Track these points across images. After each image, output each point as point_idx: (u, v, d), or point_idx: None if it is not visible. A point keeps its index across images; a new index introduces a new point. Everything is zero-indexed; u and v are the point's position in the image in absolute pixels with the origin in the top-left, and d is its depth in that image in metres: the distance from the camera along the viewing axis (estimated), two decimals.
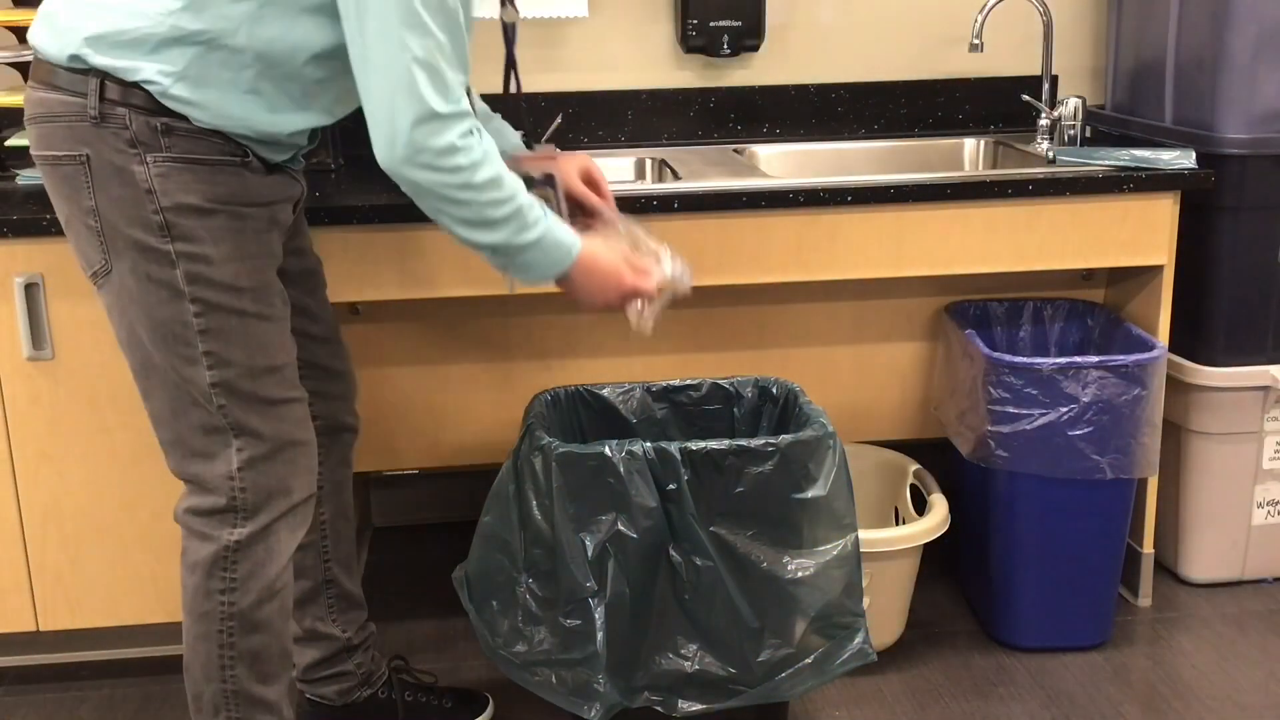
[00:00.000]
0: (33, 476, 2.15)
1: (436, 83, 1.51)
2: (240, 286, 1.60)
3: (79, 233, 1.60)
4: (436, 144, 1.52)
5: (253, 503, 1.65)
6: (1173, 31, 2.46)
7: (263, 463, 1.65)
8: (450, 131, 1.53)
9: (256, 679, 1.69)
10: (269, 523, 1.66)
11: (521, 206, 1.62)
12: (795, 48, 2.75)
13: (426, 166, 1.54)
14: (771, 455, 1.82)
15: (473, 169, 1.56)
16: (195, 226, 1.56)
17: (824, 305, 2.47)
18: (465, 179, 1.56)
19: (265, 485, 1.65)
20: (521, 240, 1.63)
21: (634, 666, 1.84)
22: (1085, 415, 2.16)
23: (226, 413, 1.62)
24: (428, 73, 1.50)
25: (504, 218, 1.61)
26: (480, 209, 1.59)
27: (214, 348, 1.59)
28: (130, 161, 1.54)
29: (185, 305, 1.57)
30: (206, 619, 1.66)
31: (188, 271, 1.56)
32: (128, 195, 1.55)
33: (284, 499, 1.67)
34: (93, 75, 1.53)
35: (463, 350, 2.40)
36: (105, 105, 1.53)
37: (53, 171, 1.59)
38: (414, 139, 1.51)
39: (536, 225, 1.64)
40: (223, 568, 1.65)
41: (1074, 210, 2.26)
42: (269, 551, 1.67)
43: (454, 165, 1.54)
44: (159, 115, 1.54)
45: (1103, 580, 2.31)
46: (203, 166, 1.56)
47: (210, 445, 1.63)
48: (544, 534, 1.84)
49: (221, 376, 1.60)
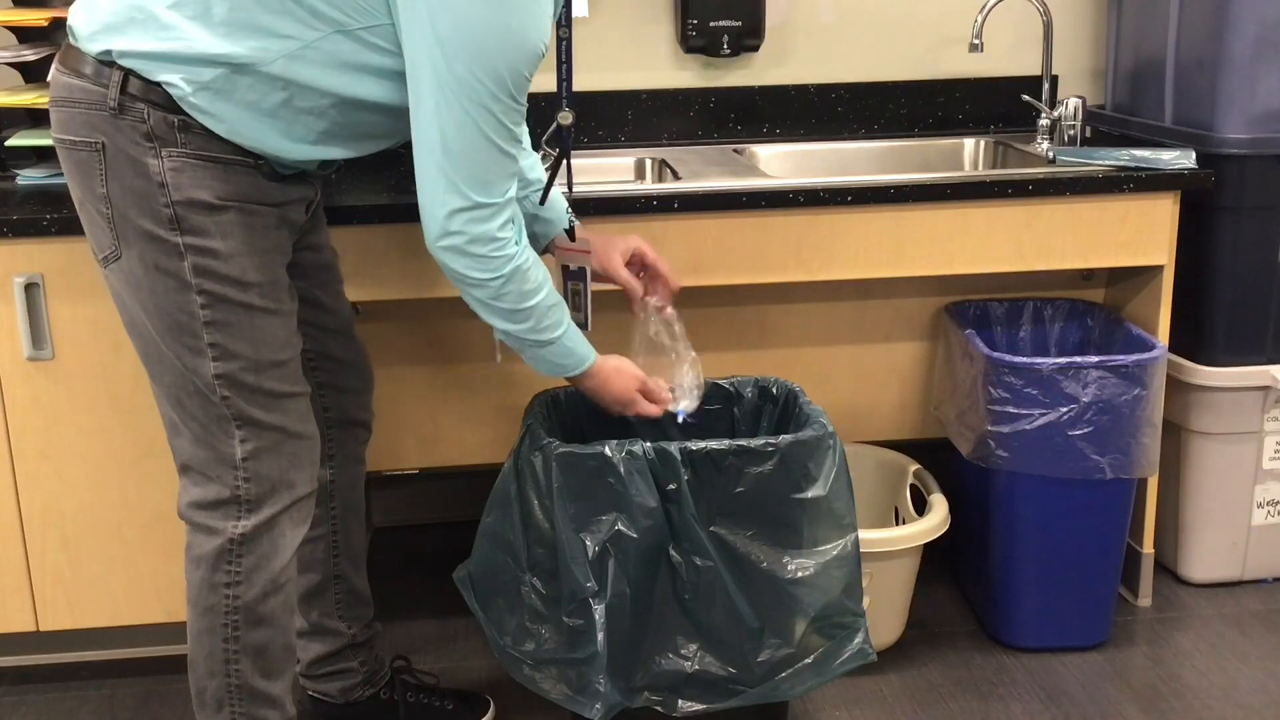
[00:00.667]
0: (33, 476, 2.15)
1: (483, 177, 1.57)
2: (247, 281, 1.61)
3: (91, 217, 1.62)
4: (472, 231, 1.59)
5: (256, 494, 1.65)
6: (1173, 31, 2.46)
7: (266, 455, 1.65)
8: (489, 222, 1.59)
9: (260, 674, 1.69)
10: (272, 515, 1.66)
11: (542, 307, 1.71)
12: (795, 48, 2.75)
13: (457, 251, 1.60)
14: (771, 455, 1.82)
15: (503, 261, 1.63)
16: (205, 221, 1.57)
17: (824, 305, 2.47)
18: (495, 270, 1.63)
19: (268, 477, 1.66)
20: (536, 339, 1.74)
21: (634, 666, 1.84)
22: (1085, 415, 2.16)
23: (230, 404, 1.63)
24: (478, 169, 1.56)
25: (524, 313, 1.69)
26: (502, 299, 1.67)
27: (219, 340, 1.60)
28: (145, 154, 1.55)
29: (192, 297, 1.58)
30: (211, 613, 1.67)
31: (195, 264, 1.58)
32: (140, 186, 1.56)
33: (287, 492, 1.68)
34: (117, 69, 1.54)
35: (463, 350, 2.40)
36: (125, 98, 1.54)
37: (69, 155, 1.61)
38: (449, 225, 1.58)
39: (554, 328, 1.74)
40: (227, 561, 1.65)
41: (1074, 210, 2.26)
42: (273, 545, 1.67)
43: (484, 254, 1.61)
44: (177, 113, 1.55)
45: (1103, 580, 2.31)
46: (216, 165, 1.57)
47: (214, 434, 1.64)
48: (546, 534, 1.85)
49: (226, 369, 1.61)
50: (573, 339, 1.78)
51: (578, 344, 1.79)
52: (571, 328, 1.78)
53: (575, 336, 1.79)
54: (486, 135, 1.54)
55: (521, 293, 1.67)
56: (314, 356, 1.88)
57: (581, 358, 1.80)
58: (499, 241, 1.61)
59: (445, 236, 1.59)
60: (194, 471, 1.67)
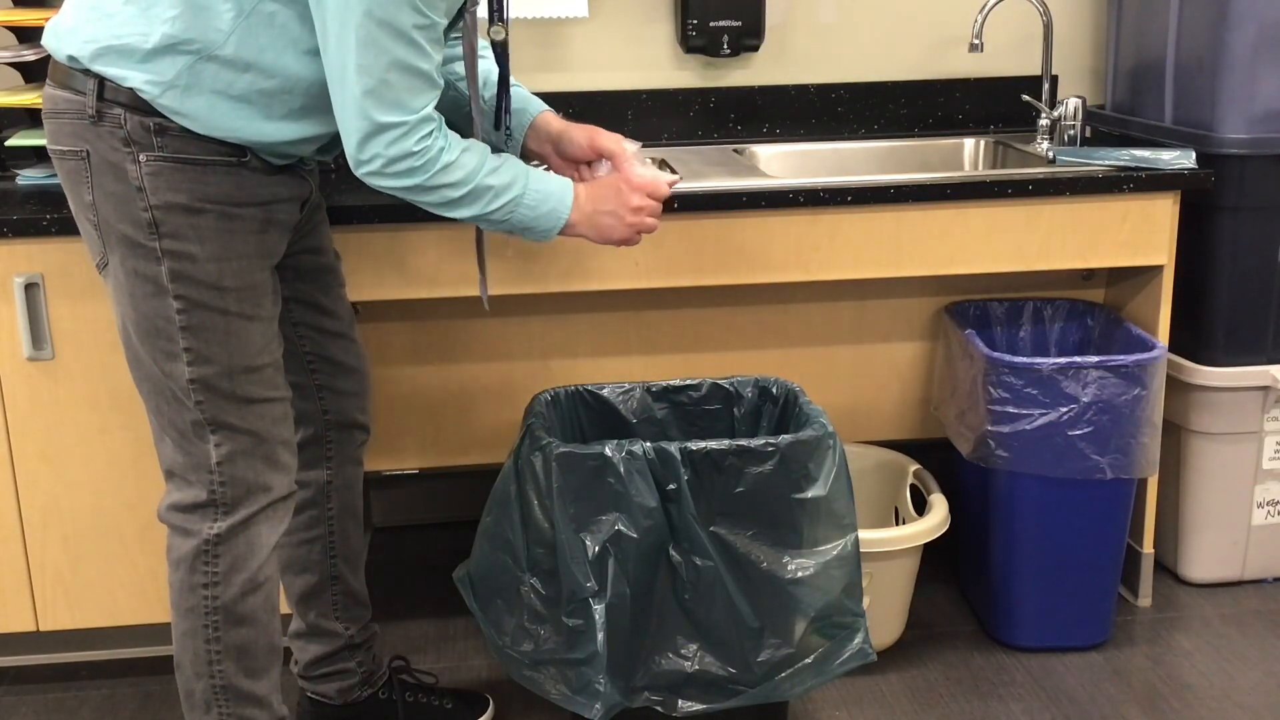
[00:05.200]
0: (33, 476, 2.15)
1: (389, 97, 1.55)
2: (224, 286, 1.61)
3: (83, 225, 1.65)
4: (388, 154, 1.57)
5: (232, 497, 1.66)
6: (1172, 31, 2.46)
7: (241, 458, 1.66)
8: (403, 141, 1.57)
9: (244, 673, 1.70)
10: (248, 516, 1.67)
11: (482, 185, 1.66)
12: (795, 48, 2.75)
13: (379, 174, 1.60)
14: (771, 455, 1.82)
15: (427, 167, 1.61)
16: (182, 225, 1.58)
17: (824, 305, 2.47)
18: (423, 177, 1.61)
19: (243, 480, 1.67)
20: (500, 205, 1.69)
21: (634, 666, 1.84)
22: (1085, 415, 2.16)
23: (204, 409, 1.63)
24: (382, 88, 1.54)
25: (474, 193, 1.66)
26: (444, 191, 1.64)
27: (194, 344, 1.61)
28: (124, 159, 1.56)
29: (169, 301, 1.60)
30: (191, 614, 1.68)
31: (172, 269, 1.59)
32: (120, 192, 1.57)
33: (263, 494, 1.68)
34: (91, 76, 1.56)
35: (463, 350, 2.40)
36: (102, 104, 1.56)
37: (60, 165, 1.63)
38: (363, 153, 1.57)
39: (510, 187, 1.69)
40: (204, 561, 1.66)
41: (1074, 210, 2.26)
42: (250, 545, 1.68)
43: (406, 169, 1.59)
44: (152, 115, 1.56)
45: (1103, 580, 2.31)
46: (194, 166, 1.58)
47: (189, 439, 1.65)
48: (545, 534, 1.85)
49: (200, 373, 1.62)
50: (540, 181, 1.73)
51: (550, 182, 1.74)
52: (532, 174, 1.73)
53: (541, 179, 1.74)
54: (392, 55, 1.52)
55: (461, 180, 1.64)
56: (313, 359, 1.89)
57: (559, 193, 1.74)
58: (416, 154, 1.59)
59: (362, 165, 1.59)
60: (176, 476, 1.68)
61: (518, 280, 2.18)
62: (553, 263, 2.17)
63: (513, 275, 2.17)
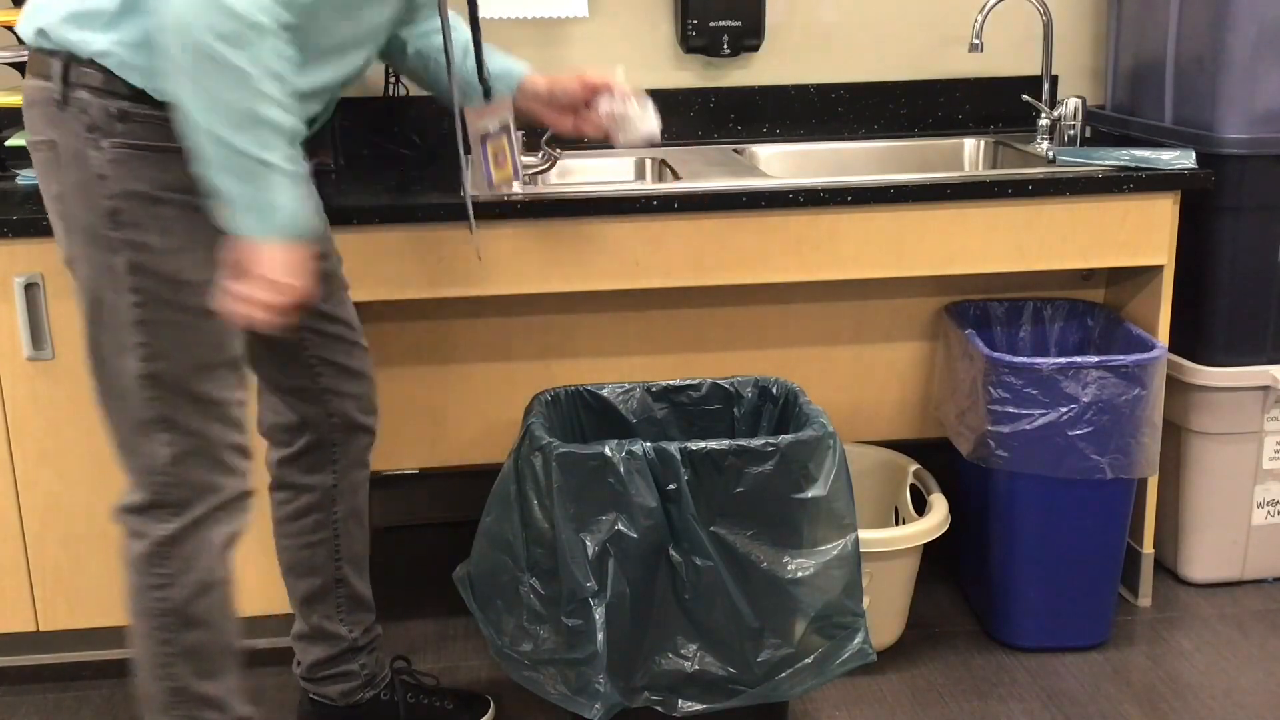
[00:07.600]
0: (33, 476, 2.15)
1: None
2: (183, 280, 1.57)
3: (53, 218, 1.62)
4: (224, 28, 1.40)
5: (179, 498, 1.63)
6: (1172, 31, 2.46)
7: (191, 459, 1.62)
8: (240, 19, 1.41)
9: (198, 675, 1.67)
10: (198, 517, 1.64)
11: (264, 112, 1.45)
12: (795, 48, 2.75)
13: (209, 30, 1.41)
14: (771, 455, 1.82)
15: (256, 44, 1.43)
16: (143, 215, 1.55)
17: (824, 305, 2.47)
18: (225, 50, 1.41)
19: (191, 481, 1.63)
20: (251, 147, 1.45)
21: (634, 666, 1.84)
22: (1085, 415, 2.16)
23: (154, 406, 1.59)
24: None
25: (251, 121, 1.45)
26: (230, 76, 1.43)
27: (147, 339, 1.57)
28: (86, 146, 1.53)
29: (125, 294, 1.56)
30: (145, 616, 1.65)
31: (130, 260, 1.55)
32: (83, 180, 1.54)
33: (213, 495, 1.65)
34: (57, 58, 1.53)
35: (463, 350, 2.40)
36: (68, 89, 1.53)
37: (34, 156, 1.61)
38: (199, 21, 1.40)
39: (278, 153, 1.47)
40: (154, 564, 1.63)
41: (1074, 210, 2.26)
42: (200, 546, 1.64)
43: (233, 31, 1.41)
44: (116, 99, 1.52)
45: (1103, 580, 2.31)
46: (154, 153, 1.54)
47: (138, 438, 1.61)
48: (545, 534, 1.85)
49: (152, 369, 1.58)
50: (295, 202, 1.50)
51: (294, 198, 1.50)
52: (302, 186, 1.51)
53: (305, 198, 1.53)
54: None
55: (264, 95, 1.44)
56: (316, 362, 1.88)
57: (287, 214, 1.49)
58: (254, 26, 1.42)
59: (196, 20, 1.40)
60: (129, 477, 1.65)
61: (518, 280, 2.17)
62: (553, 263, 2.17)
63: (513, 275, 2.17)
